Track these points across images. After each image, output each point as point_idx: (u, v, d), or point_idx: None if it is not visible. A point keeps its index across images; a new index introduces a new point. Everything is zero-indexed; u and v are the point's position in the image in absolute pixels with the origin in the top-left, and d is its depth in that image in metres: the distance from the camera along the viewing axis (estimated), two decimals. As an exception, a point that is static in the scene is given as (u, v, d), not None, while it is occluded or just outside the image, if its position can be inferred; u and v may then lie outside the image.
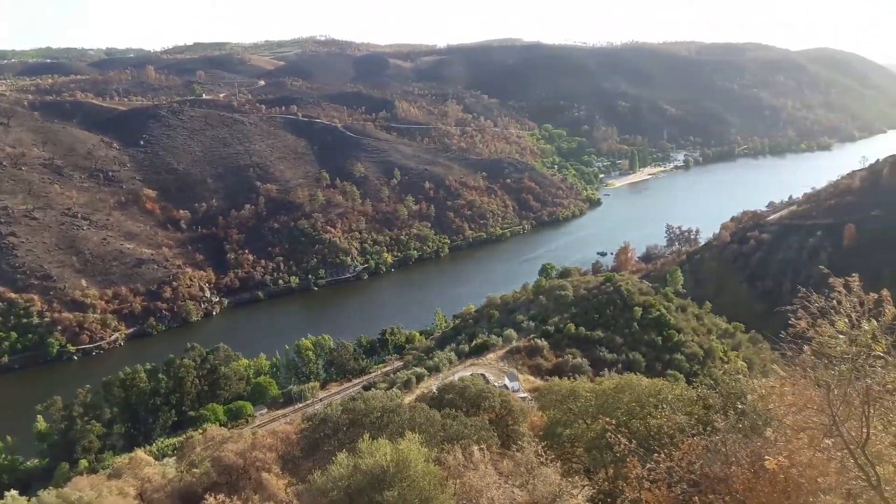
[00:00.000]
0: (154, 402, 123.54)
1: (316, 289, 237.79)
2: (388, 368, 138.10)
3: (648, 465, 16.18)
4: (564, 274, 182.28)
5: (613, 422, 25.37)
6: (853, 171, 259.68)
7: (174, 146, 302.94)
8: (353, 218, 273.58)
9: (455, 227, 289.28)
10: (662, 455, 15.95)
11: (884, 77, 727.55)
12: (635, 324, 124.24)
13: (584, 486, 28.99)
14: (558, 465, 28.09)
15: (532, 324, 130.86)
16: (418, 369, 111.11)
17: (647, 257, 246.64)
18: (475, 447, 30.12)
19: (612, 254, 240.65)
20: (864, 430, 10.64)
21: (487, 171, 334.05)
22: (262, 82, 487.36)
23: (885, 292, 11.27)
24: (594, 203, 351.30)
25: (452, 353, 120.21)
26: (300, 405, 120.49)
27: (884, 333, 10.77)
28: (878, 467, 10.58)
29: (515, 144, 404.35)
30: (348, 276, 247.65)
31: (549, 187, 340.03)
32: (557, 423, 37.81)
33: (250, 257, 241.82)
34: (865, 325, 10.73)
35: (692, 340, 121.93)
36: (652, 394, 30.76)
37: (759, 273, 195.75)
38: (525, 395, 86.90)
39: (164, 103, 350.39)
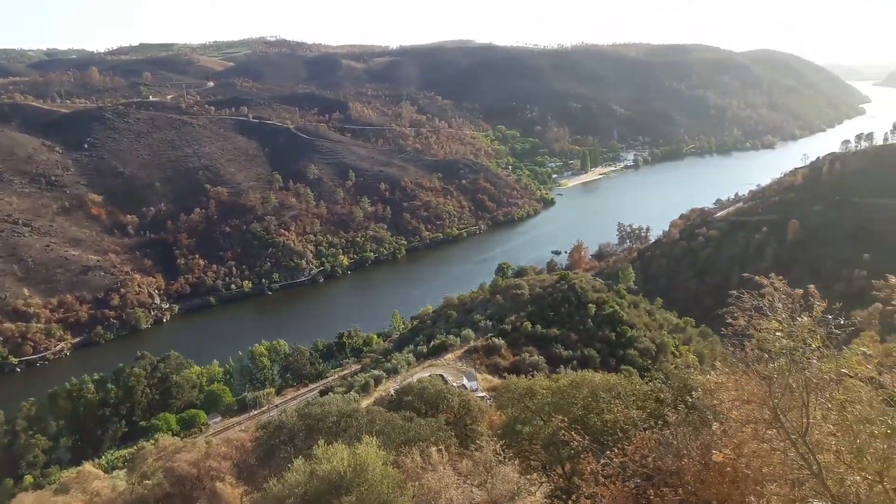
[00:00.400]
0: (103, 413, 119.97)
1: (270, 293, 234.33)
2: (345, 372, 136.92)
3: (603, 461, 16.51)
4: (520, 273, 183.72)
5: (566, 419, 25.72)
6: (796, 169, 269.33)
7: (120, 149, 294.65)
8: (308, 220, 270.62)
9: (411, 229, 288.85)
10: (616, 450, 16.30)
11: (822, 77, 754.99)
12: (590, 320, 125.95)
13: (542, 483, 29.29)
14: (517, 462, 28.29)
15: (489, 323, 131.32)
16: (376, 372, 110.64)
17: (600, 255, 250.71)
18: (433, 448, 30.11)
19: (566, 252, 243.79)
20: (805, 420, 11.10)
21: (443, 172, 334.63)
22: (211, 83, 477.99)
23: (811, 288, 11.78)
24: (548, 203, 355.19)
25: (411, 355, 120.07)
26: (255, 412, 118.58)
27: (817, 327, 11.26)
28: (818, 455, 11.04)
29: (470, 145, 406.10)
30: (303, 279, 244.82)
31: (504, 188, 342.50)
32: (515, 421, 38.10)
33: (201, 262, 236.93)
34: (801, 320, 11.21)
35: (645, 336, 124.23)
36: (606, 389, 31.31)
37: (707, 269, 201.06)
38: (483, 394, 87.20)
39: (109, 105, 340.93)
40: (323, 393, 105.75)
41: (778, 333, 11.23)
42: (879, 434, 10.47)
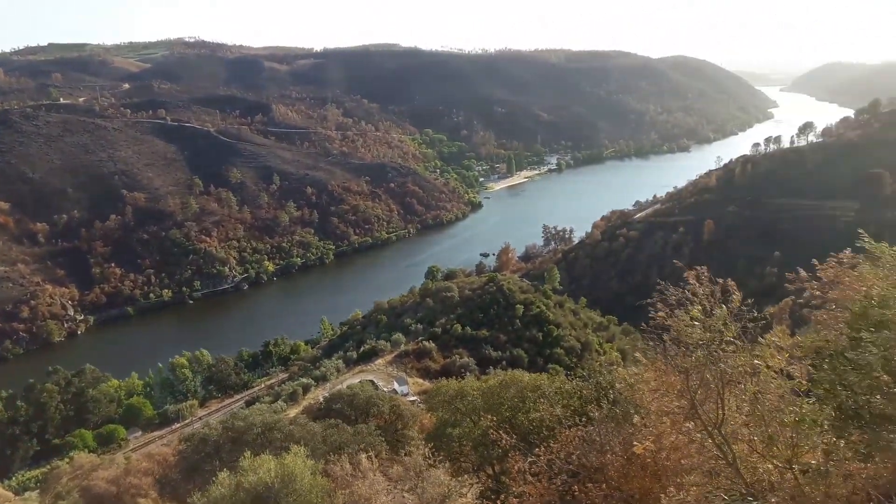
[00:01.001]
0: (12, 433, 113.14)
1: (192, 302, 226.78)
2: (272, 381, 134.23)
3: (530, 459, 16.69)
4: (450, 276, 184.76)
5: (495, 419, 25.96)
6: (710, 171, 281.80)
7: (28, 154, 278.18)
8: (231, 226, 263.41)
9: (340, 233, 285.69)
10: (543, 448, 16.52)
11: (733, 83, 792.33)
12: (518, 321, 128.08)
13: (472, 485, 29.44)
14: (447, 465, 28.31)
15: (420, 326, 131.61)
16: (304, 380, 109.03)
17: (527, 257, 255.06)
18: (363, 455, 29.82)
19: (494, 254, 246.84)
20: (720, 411, 11.52)
21: (371, 175, 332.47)
22: (126, 85, 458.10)
23: (730, 281, 12.28)
24: (476, 206, 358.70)
25: (340, 361, 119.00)
26: (178, 425, 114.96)
27: (733, 320, 11.72)
28: (733, 446, 11.47)
29: (398, 149, 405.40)
30: (226, 287, 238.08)
31: (433, 191, 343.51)
32: (446, 424, 38.17)
33: (118, 271, 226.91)
34: (717, 312, 11.65)
35: (570, 335, 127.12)
36: (533, 389, 31.79)
37: (628, 268, 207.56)
38: (415, 398, 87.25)
39: (16, 108, 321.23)
40: (249, 403, 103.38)
41: (695, 325, 11.63)
42: (789, 423, 10.96)
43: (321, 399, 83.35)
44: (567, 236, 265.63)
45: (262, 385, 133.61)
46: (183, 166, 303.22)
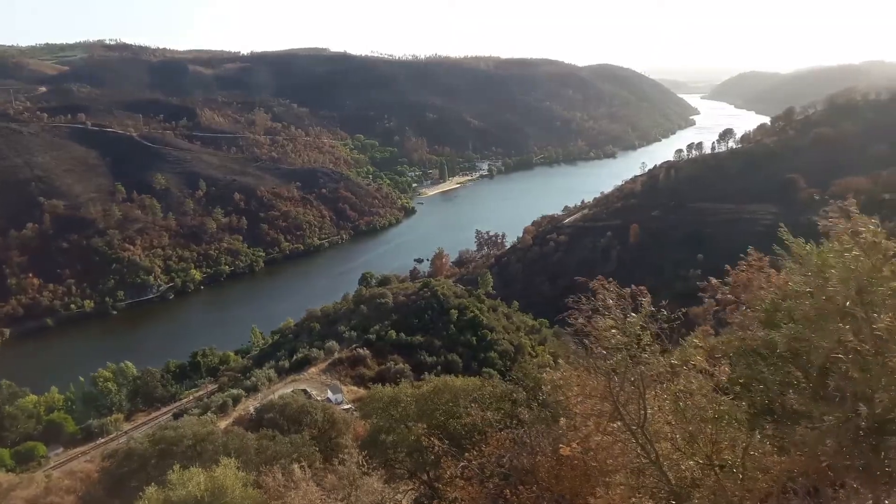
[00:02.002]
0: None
1: (115, 312, 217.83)
2: (201, 393, 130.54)
3: (462, 464, 16.78)
4: (384, 282, 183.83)
5: (428, 425, 25.99)
6: (635, 177, 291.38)
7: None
8: (155, 233, 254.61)
9: (270, 240, 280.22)
10: (475, 452, 16.65)
11: (656, 91, 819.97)
12: (452, 326, 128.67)
13: (408, 491, 29.41)
14: (382, 472, 28.17)
15: (354, 333, 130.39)
16: (235, 391, 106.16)
17: (461, 262, 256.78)
18: (296, 465, 29.33)
19: (428, 260, 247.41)
20: (642, 412, 11.89)
21: (301, 181, 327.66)
22: (43, 88, 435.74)
23: (643, 288, 12.72)
24: (409, 211, 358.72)
25: (272, 371, 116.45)
26: (102, 440, 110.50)
27: (649, 323, 12.13)
28: (657, 444, 11.85)
29: (329, 154, 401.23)
30: (151, 296, 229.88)
31: (366, 197, 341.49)
32: (380, 431, 37.91)
33: (35, 281, 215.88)
34: (632, 317, 12.05)
35: (504, 338, 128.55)
36: (465, 393, 31.99)
37: (559, 272, 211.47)
38: (349, 406, 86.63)
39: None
40: (177, 416, 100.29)
41: (613, 331, 11.98)
42: (709, 420, 11.41)
43: (252, 410, 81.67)
44: (500, 241, 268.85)
45: (191, 397, 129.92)
46: (105, 172, 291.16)
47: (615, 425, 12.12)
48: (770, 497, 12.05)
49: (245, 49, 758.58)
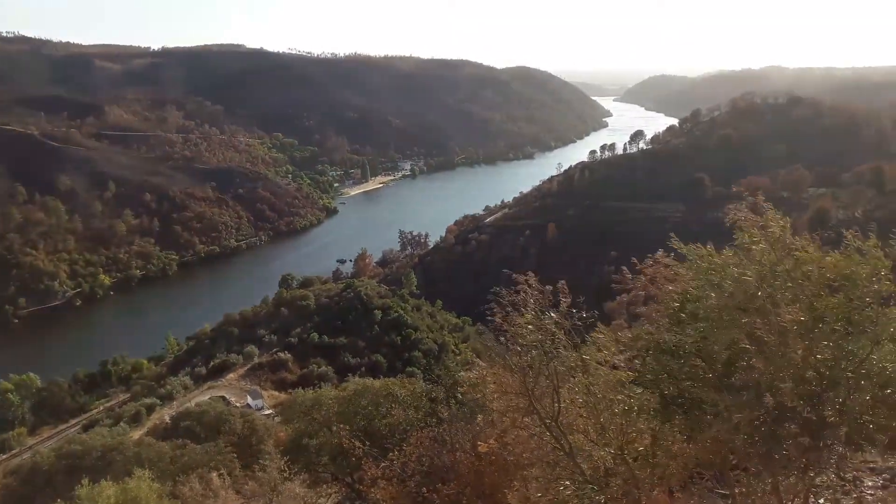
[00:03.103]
0: None
1: (17, 321, 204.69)
2: (112, 403, 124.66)
3: (383, 464, 16.82)
4: (306, 283, 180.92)
5: (350, 427, 25.92)
6: (552, 177, 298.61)
7: None
8: (60, 237, 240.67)
9: (184, 242, 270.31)
10: (396, 452, 16.73)
11: (571, 93, 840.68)
12: (376, 326, 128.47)
13: (331, 494, 29.21)
14: (305, 476, 27.90)
15: (274, 337, 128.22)
16: (148, 400, 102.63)
17: (384, 262, 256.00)
18: (214, 474, 28.64)
19: (351, 261, 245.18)
20: (556, 406, 12.28)
21: (217, 181, 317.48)
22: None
23: (561, 284, 13.16)
24: (331, 212, 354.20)
25: (188, 378, 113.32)
26: (4, 457, 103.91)
27: (563, 319, 12.55)
28: (570, 437, 12.26)
29: (246, 153, 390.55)
30: (56, 303, 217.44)
31: (285, 197, 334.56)
32: (302, 435, 37.48)
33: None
34: (549, 314, 12.44)
35: (428, 337, 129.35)
36: (386, 394, 32.08)
37: (481, 270, 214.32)
38: (270, 411, 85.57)
39: None
40: (87, 428, 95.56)
41: (529, 327, 12.32)
42: (619, 412, 11.90)
43: (167, 419, 79.52)
44: (423, 241, 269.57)
45: (101, 407, 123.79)
46: (3, 173, 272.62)
47: (530, 420, 12.47)
48: (679, 483, 12.70)
49: (156, 44, 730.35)
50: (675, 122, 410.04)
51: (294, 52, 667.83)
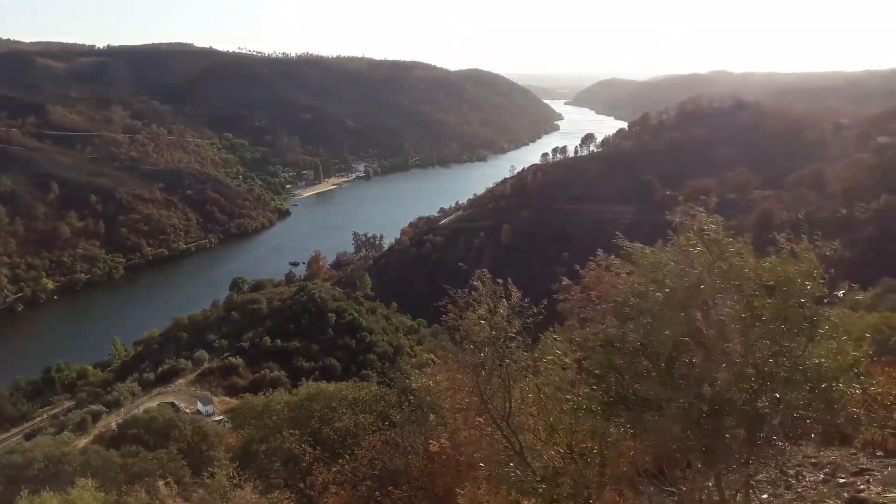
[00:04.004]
0: None
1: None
2: (56, 410, 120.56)
3: (335, 469, 16.65)
4: (257, 287, 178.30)
5: (298, 432, 25.63)
6: (505, 179, 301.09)
7: None
8: (0, 240, 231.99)
9: (131, 245, 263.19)
10: (348, 457, 16.58)
11: (523, 96, 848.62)
12: (330, 330, 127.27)
13: (283, 500, 28.79)
14: (256, 482, 27.43)
15: (225, 342, 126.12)
16: (94, 407, 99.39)
17: (338, 264, 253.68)
18: (161, 482, 27.90)
19: (304, 263, 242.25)
20: (507, 404, 12.34)
21: (165, 182, 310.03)
22: None
23: (510, 281, 13.24)
24: (283, 213, 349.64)
25: (135, 384, 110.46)
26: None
27: (515, 317, 12.62)
28: (520, 436, 12.32)
29: (195, 154, 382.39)
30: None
31: (236, 198, 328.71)
32: (253, 441, 36.91)
33: None
34: (500, 311, 12.49)
35: (383, 340, 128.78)
36: (339, 398, 31.82)
37: (436, 272, 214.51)
38: (221, 417, 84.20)
39: None
40: (29, 437, 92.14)
41: (482, 323, 12.36)
42: (567, 411, 12.02)
43: (114, 426, 77.72)
44: (378, 243, 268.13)
45: (45, 416, 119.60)
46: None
47: (482, 419, 12.51)
48: (624, 480, 12.89)
49: (101, 42, 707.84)
50: (624, 125, 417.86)
51: (245, 51, 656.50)
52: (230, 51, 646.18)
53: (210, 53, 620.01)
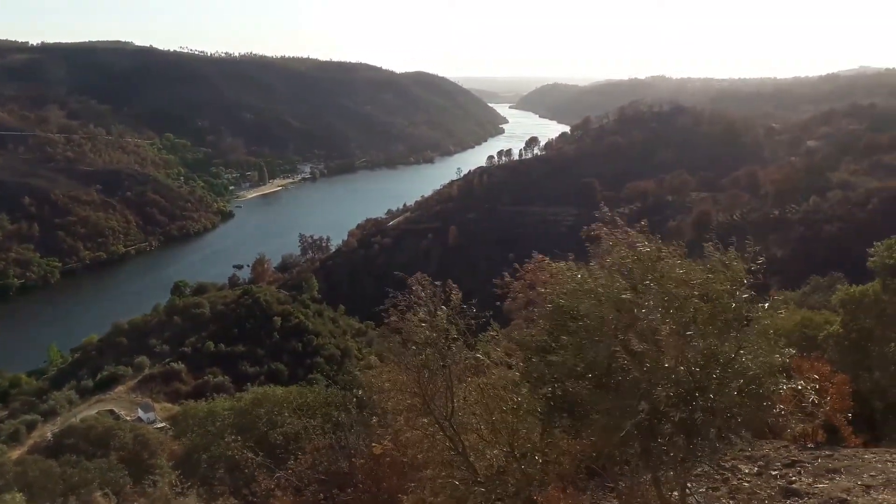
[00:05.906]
0: None
1: None
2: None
3: (278, 475, 16.55)
4: (200, 290, 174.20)
5: (242, 438, 25.32)
6: (452, 181, 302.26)
7: None
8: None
9: (67, 248, 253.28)
10: (293, 461, 16.49)
11: (469, 99, 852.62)
12: (276, 333, 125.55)
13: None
14: (200, 490, 26.96)
15: (167, 347, 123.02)
16: (29, 416, 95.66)
17: (284, 267, 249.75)
18: (98, 493, 27.15)
19: (248, 266, 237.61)
20: (450, 405, 12.54)
21: (103, 183, 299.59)
22: None
23: (449, 282, 13.46)
24: (227, 216, 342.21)
25: (73, 392, 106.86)
26: None
27: (456, 318, 12.84)
28: (463, 436, 12.54)
29: (134, 154, 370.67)
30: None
31: (177, 200, 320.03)
32: (196, 448, 36.17)
33: None
34: (440, 312, 12.69)
35: (330, 343, 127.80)
36: (285, 402, 31.53)
37: (383, 274, 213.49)
38: (163, 424, 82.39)
39: None
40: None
41: (422, 325, 12.53)
42: (508, 411, 12.29)
43: (50, 436, 75.42)
44: (325, 245, 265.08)
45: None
46: None
47: (424, 420, 12.67)
48: (566, 478, 13.25)
49: (35, 39, 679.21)
50: (567, 129, 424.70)
51: (186, 50, 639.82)
52: (171, 49, 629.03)
53: (150, 52, 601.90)
